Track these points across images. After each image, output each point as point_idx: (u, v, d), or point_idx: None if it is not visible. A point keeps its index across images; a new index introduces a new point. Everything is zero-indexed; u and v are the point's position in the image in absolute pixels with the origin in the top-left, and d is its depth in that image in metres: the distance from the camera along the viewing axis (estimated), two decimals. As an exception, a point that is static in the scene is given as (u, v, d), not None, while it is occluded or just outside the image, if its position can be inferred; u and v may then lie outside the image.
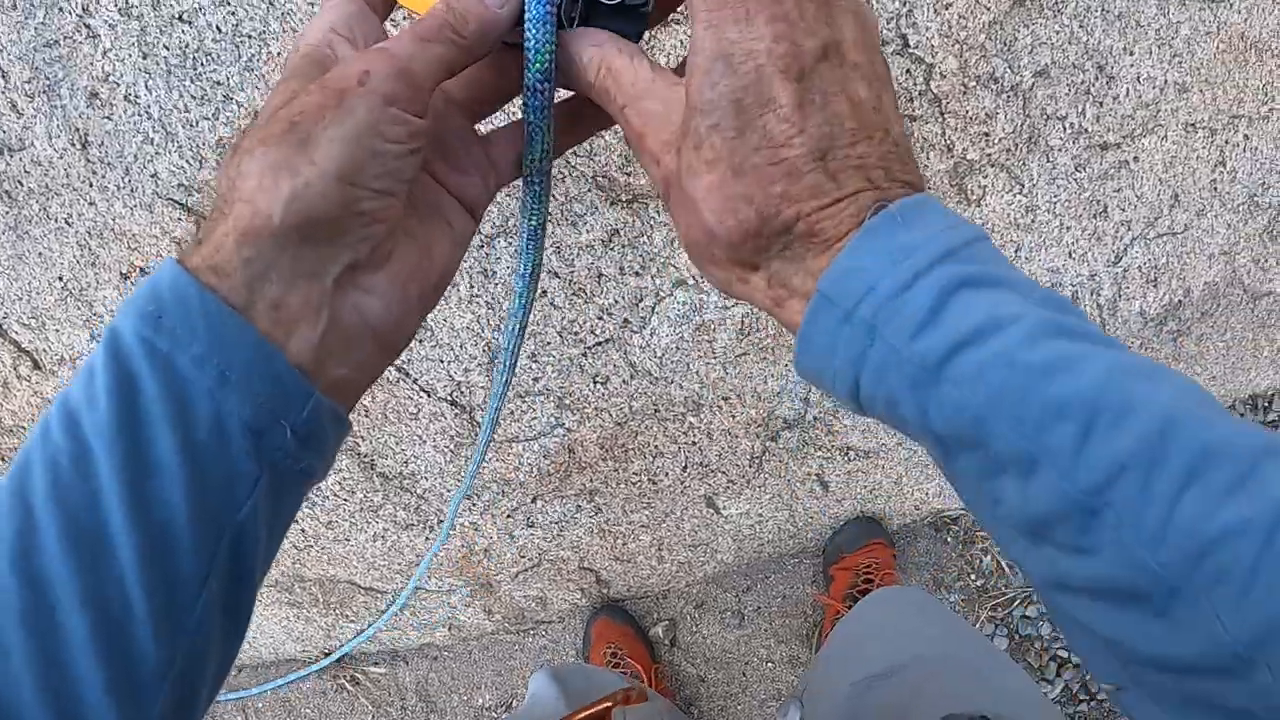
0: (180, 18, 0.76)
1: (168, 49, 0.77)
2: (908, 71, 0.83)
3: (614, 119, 0.30)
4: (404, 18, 0.75)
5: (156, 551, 0.23)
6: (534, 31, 0.29)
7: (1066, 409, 0.21)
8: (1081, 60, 0.88)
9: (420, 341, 0.93)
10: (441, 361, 0.95)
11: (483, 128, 0.33)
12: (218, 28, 0.76)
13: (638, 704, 0.55)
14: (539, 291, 0.89)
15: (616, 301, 0.92)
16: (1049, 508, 0.22)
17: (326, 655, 1.31)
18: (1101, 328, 1.07)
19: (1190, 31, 0.90)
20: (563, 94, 0.32)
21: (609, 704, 0.52)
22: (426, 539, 1.12)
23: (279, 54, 0.80)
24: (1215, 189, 1.02)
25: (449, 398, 0.98)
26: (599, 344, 0.95)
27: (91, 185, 0.85)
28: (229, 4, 0.76)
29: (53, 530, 0.23)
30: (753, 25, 0.25)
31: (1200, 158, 0.98)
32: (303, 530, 1.11)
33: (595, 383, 0.98)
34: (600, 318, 0.93)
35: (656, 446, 1.06)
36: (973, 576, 1.30)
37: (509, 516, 1.11)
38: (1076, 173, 0.93)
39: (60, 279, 0.91)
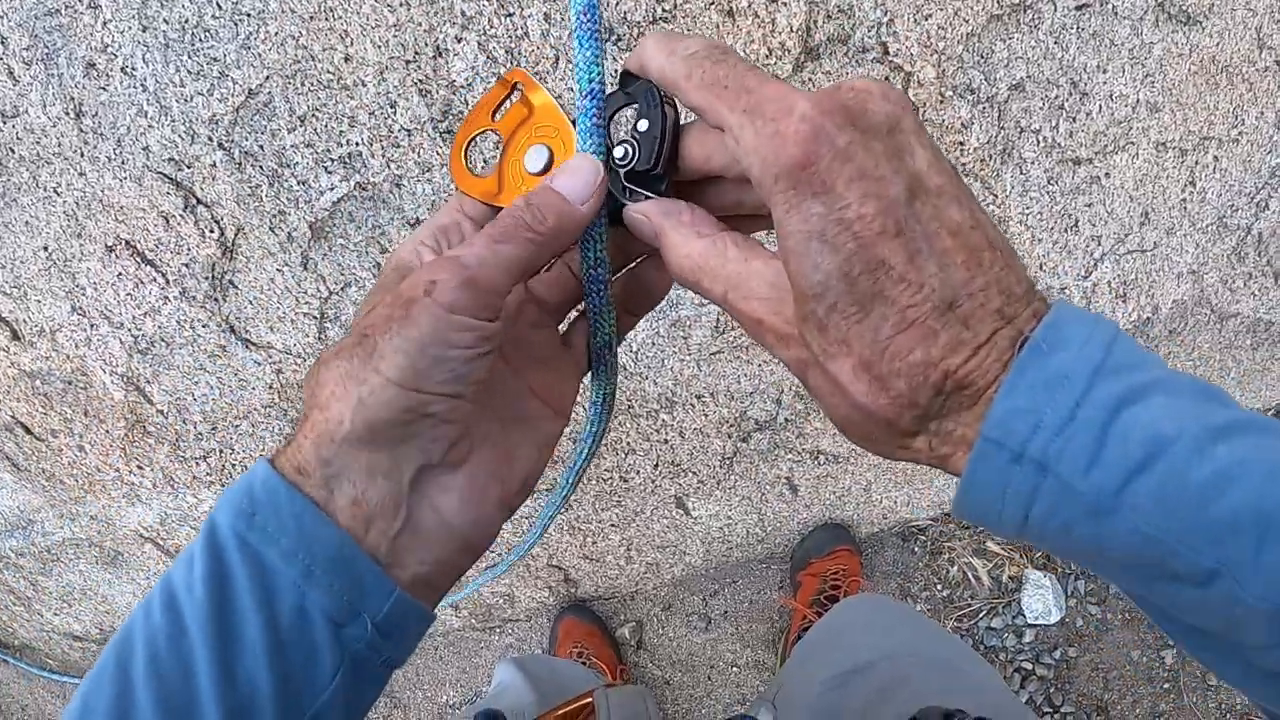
0: None
1: (167, 23, 0.77)
2: (887, 78, 0.84)
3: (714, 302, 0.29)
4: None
5: None
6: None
7: (1239, 524, 0.21)
8: (1056, 76, 0.90)
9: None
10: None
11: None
12: (218, 4, 0.77)
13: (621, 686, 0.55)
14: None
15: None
16: (1228, 613, 0.22)
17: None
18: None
19: (1163, 52, 0.92)
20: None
21: (589, 697, 0.52)
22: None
23: (276, 33, 0.80)
24: (1185, 208, 1.04)
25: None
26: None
27: (83, 155, 0.85)
28: None
29: (148, 699, 0.25)
30: (833, 194, 0.24)
31: (1170, 177, 1.00)
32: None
33: (569, 375, 0.98)
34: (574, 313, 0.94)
35: (629, 443, 1.06)
36: (939, 587, 1.30)
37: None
38: (1049, 186, 0.94)
39: (45, 249, 0.90)
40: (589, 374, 0.34)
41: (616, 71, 0.32)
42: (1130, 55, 0.91)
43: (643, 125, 0.30)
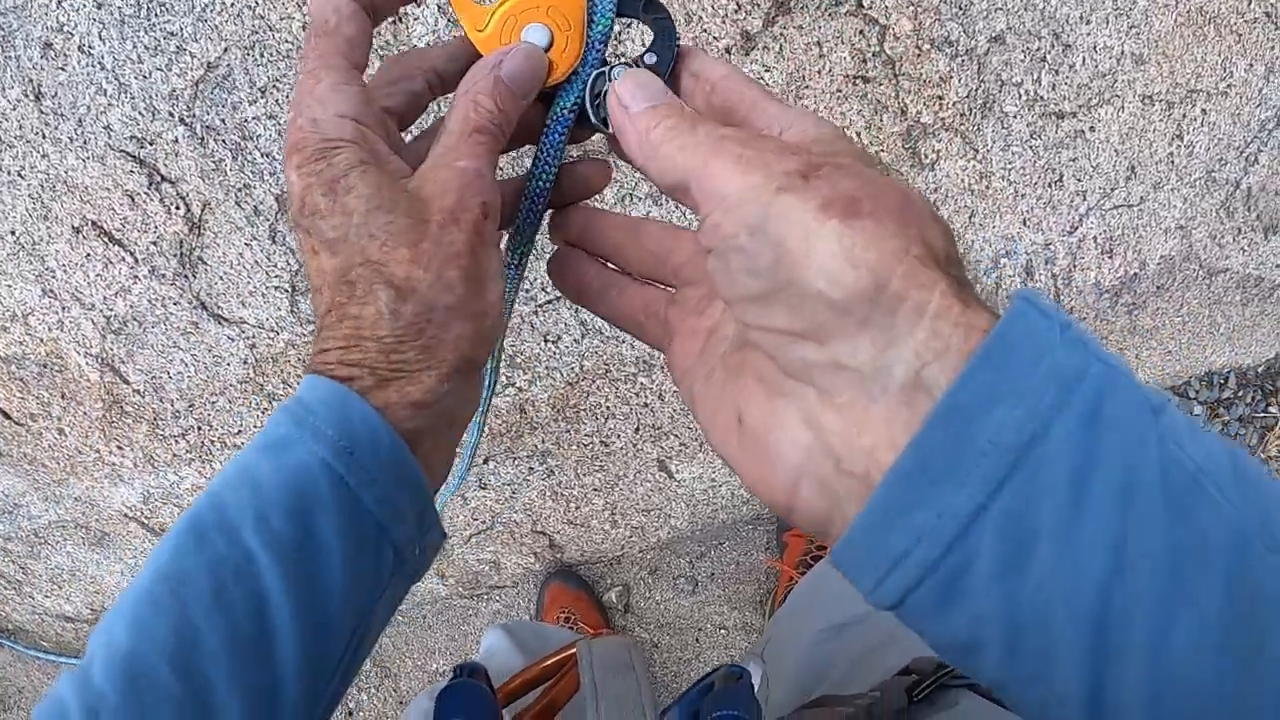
0: None
1: None
2: (861, 32, 0.82)
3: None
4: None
5: (313, 660, 0.26)
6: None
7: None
8: (1038, 27, 0.87)
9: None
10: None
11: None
12: None
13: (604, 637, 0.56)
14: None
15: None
16: None
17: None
18: (1056, 298, 1.08)
19: (1148, 3, 0.89)
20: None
21: (572, 648, 0.52)
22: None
23: (232, 4, 0.78)
24: (1172, 162, 1.02)
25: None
26: (549, 302, 0.94)
27: (44, 137, 0.83)
28: None
29: (216, 635, 0.24)
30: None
31: (1157, 130, 0.98)
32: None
33: (546, 341, 0.97)
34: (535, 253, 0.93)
35: (608, 408, 1.05)
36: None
37: (460, 478, 1.10)
38: (1032, 140, 0.92)
39: (13, 233, 0.89)
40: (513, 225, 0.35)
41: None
42: (1114, 6, 0.88)
43: (650, 59, 0.30)
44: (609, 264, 0.34)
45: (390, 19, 0.77)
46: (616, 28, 0.34)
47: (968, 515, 0.19)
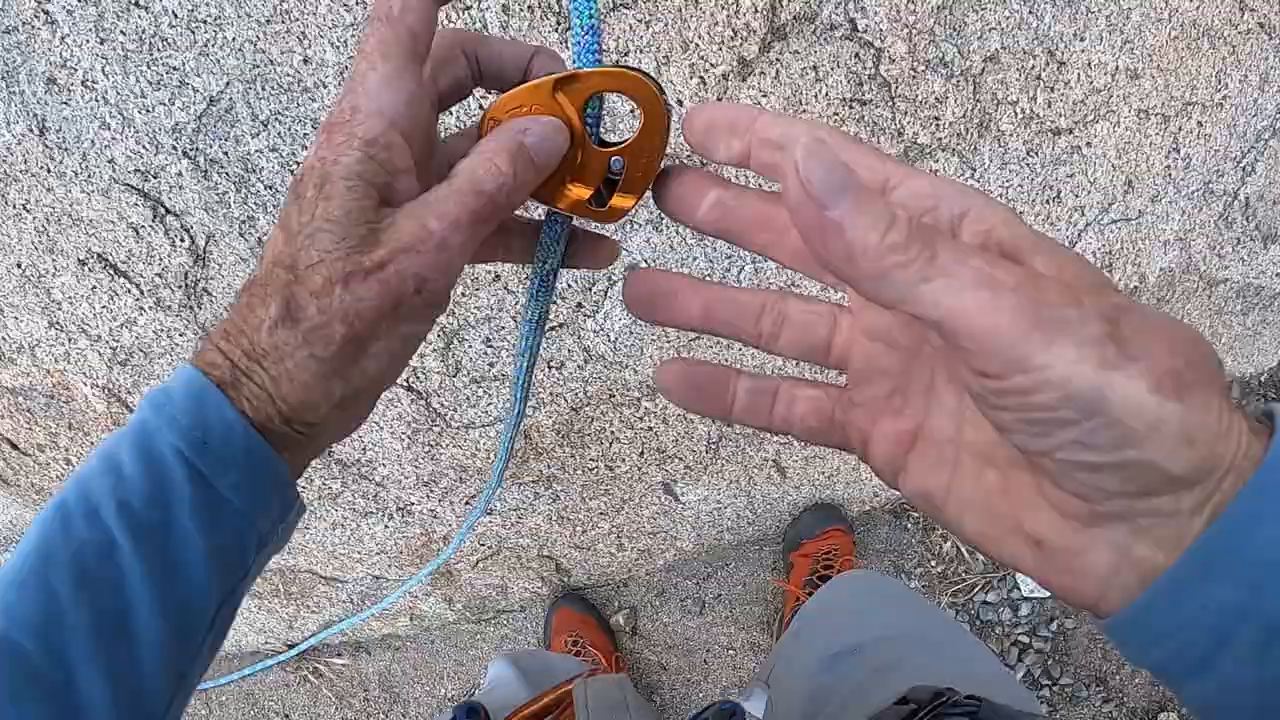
0: (137, 3, 0.75)
1: (124, 34, 0.77)
2: (857, 56, 0.82)
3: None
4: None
5: (176, 638, 0.27)
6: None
7: None
8: (1032, 46, 0.88)
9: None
10: (394, 349, 0.94)
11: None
12: (174, 13, 0.76)
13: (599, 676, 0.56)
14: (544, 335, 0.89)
15: (570, 286, 0.92)
16: None
17: (289, 646, 1.30)
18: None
19: (1141, 18, 0.90)
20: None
21: (569, 686, 0.53)
22: (385, 526, 1.12)
23: (234, 39, 0.79)
24: (1169, 175, 1.02)
25: (405, 383, 0.98)
26: (553, 328, 0.95)
27: (49, 171, 0.84)
28: None
29: (79, 611, 0.26)
30: None
31: (1154, 144, 0.99)
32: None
33: (550, 367, 0.98)
34: (554, 302, 0.93)
35: (612, 432, 1.06)
36: (933, 563, 1.31)
37: (467, 503, 1.10)
38: (1029, 157, 0.93)
39: (19, 265, 0.90)
40: (538, 245, 0.35)
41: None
42: (1108, 22, 0.89)
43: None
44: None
45: (457, 3, 0.78)
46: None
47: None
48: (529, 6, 0.76)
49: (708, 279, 0.32)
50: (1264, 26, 0.97)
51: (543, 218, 0.34)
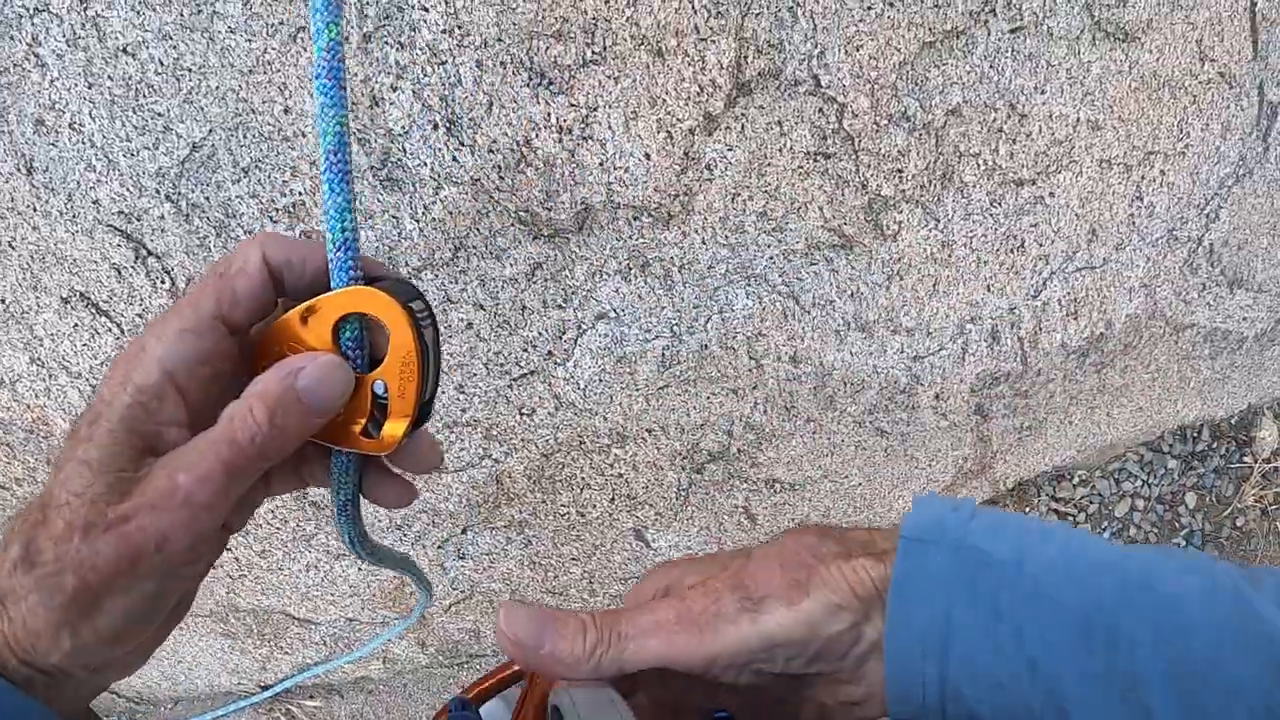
0: (124, 50, 0.78)
1: (112, 80, 0.78)
2: (820, 110, 0.85)
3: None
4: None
5: None
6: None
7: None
8: (993, 99, 0.90)
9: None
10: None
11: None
12: (160, 61, 0.78)
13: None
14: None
15: (540, 334, 0.93)
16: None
17: (262, 688, 1.29)
18: (1023, 361, 1.09)
19: (1101, 70, 0.93)
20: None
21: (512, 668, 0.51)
22: (359, 569, 1.12)
23: (217, 88, 0.81)
24: (1133, 223, 1.04)
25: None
26: (524, 375, 0.96)
27: (35, 210, 0.85)
28: (170, 39, 0.77)
29: None
30: None
31: (1117, 193, 1.01)
32: (236, 559, 1.10)
33: (521, 414, 0.99)
34: (525, 350, 0.94)
35: (583, 479, 1.06)
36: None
37: (440, 548, 1.10)
38: (992, 208, 0.95)
39: (2, 301, 0.91)
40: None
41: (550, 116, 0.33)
42: (1068, 75, 0.92)
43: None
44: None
45: (367, 104, 0.81)
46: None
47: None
48: (502, 63, 0.78)
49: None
50: (1224, 76, 1.00)
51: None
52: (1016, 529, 0.30)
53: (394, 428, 0.31)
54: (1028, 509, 1.28)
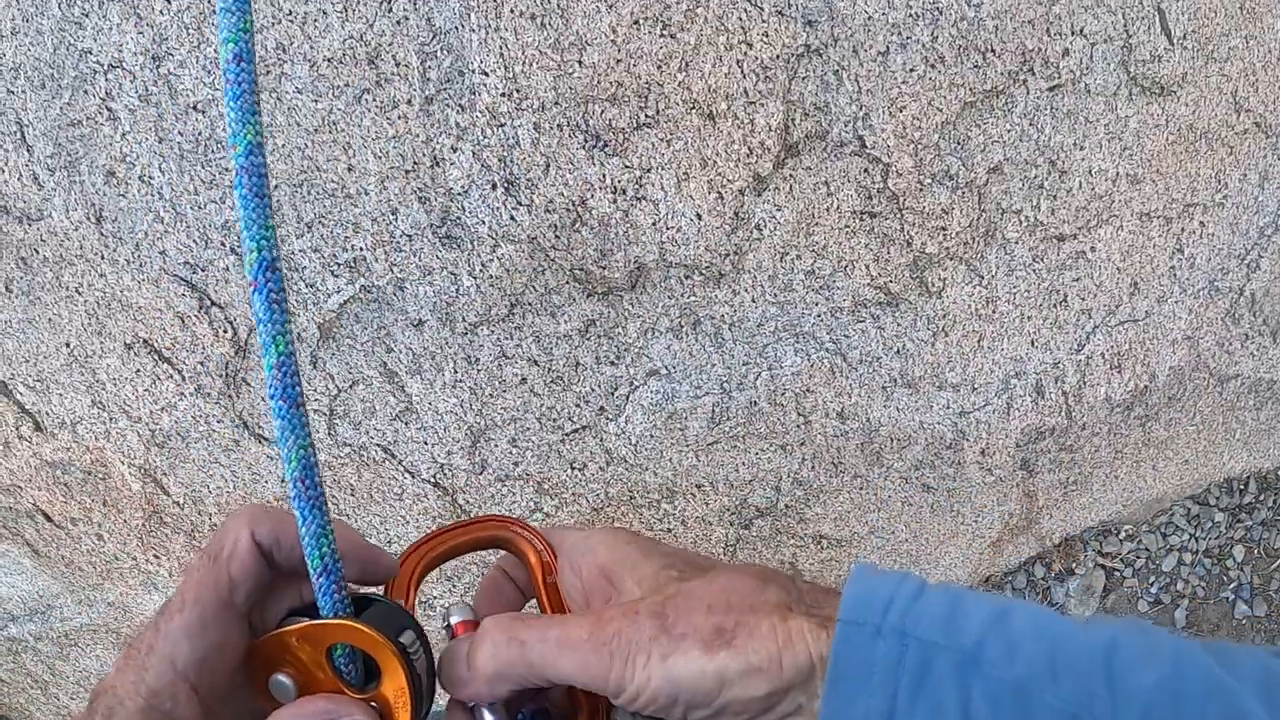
0: (195, 107, 0.81)
1: (181, 135, 0.82)
2: (865, 170, 0.87)
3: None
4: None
5: None
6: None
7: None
8: (1034, 156, 0.92)
9: (406, 424, 0.96)
10: (426, 444, 0.97)
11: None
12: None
13: None
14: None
15: (593, 389, 0.95)
16: None
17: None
18: (1068, 415, 1.09)
19: (1139, 125, 0.94)
20: None
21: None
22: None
23: (283, 145, 0.84)
24: (1174, 275, 1.05)
25: (432, 479, 1.00)
26: (576, 430, 0.97)
27: (103, 258, 0.88)
28: None
29: None
30: None
31: (1157, 245, 1.02)
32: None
33: (573, 469, 1.00)
34: (577, 405, 0.96)
35: (630, 527, 1.07)
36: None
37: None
38: (1034, 264, 0.96)
39: (67, 345, 0.94)
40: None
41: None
42: (1106, 130, 0.93)
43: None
44: None
45: (429, 164, 0.84)
46: None
47: None
48: (559, 125, 0.81)
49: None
50: (1260, 126, 1.01)
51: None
52: (970, 609, 0.28)
53: None
54: (1074, 565, 1.26)
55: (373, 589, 0.34)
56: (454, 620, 0.34)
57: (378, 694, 0.31)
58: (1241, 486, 1.27)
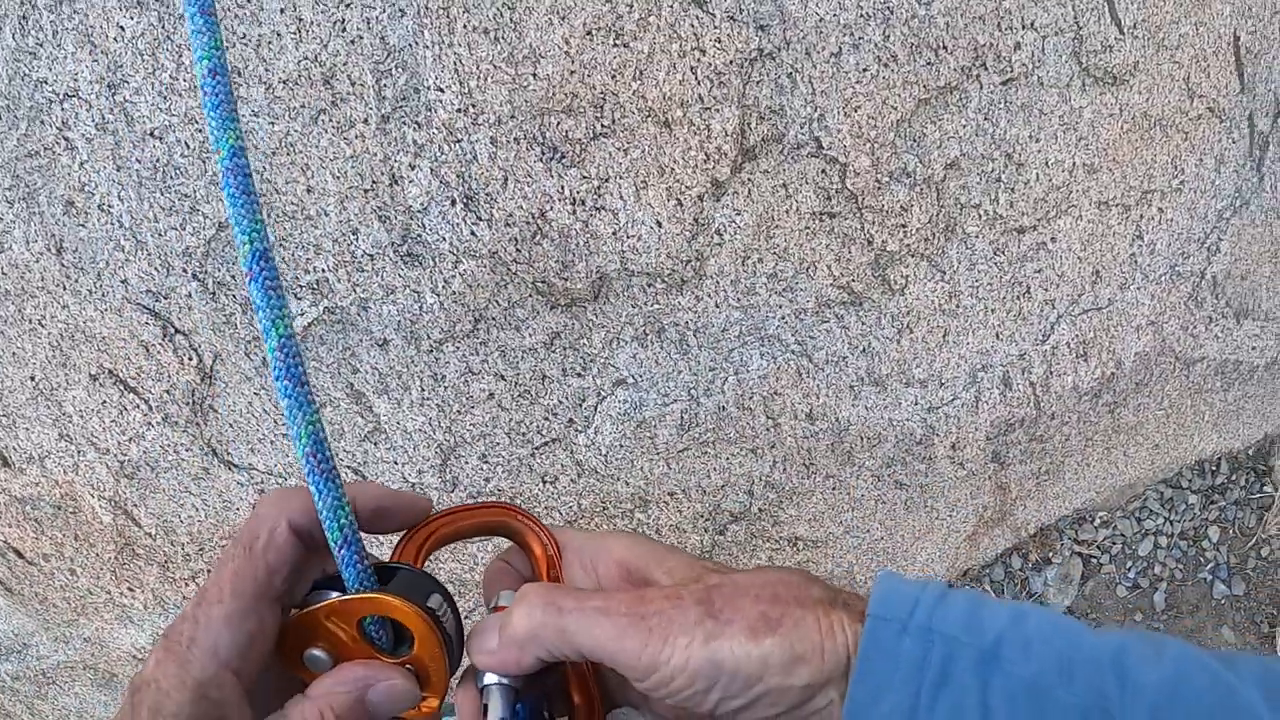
0: (152, 133, 0.80)
1: (139, 162, 0.81)
2: (823, 171, 0.88)
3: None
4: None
5: None
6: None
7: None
8: (990, 150, 0.93)
9: (375, 444, 0.95)
10: (396, 463, 0.96)
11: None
12: (186, 143, 0.80)
13: None
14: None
15: (561, 402, 0.95)
16: None
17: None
18: (1036, 406, 1.10)
19: (1093, 115, 0.95)
20: None
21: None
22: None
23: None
24: (1135, 262, 1.06)
25: (401, 492, 1.00)
26: (546, 444, 0.97)
27: (65, 289, 0.87)
28: (196, 122, 0.80)
29: None
30: None
31: (1117, 233, 1.03)
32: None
33: (544, 482, 1.00)
34: (546, 418, 0.96)
35: (606, 536, 1.07)
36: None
37: (467, 618, 1.11)
38: (996, 257, 0.97)
39: (32, 379, 0.93)
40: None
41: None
42: (1061, 121, 0.94)
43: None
44: None
45: (387, 183, 0.83)
46: None
47: None
48: (515, 138, 0.81)
49: None
50: (1213, 110, 1.02)
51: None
52: (991, 610, 0.29)
53: (431, 702, 0.33)
54: (1051, 554, 1.27)
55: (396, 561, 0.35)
56: (502, 603, 0.35)
57: (412, 657, 0.32)
58: (1213, 468, 1.29)
